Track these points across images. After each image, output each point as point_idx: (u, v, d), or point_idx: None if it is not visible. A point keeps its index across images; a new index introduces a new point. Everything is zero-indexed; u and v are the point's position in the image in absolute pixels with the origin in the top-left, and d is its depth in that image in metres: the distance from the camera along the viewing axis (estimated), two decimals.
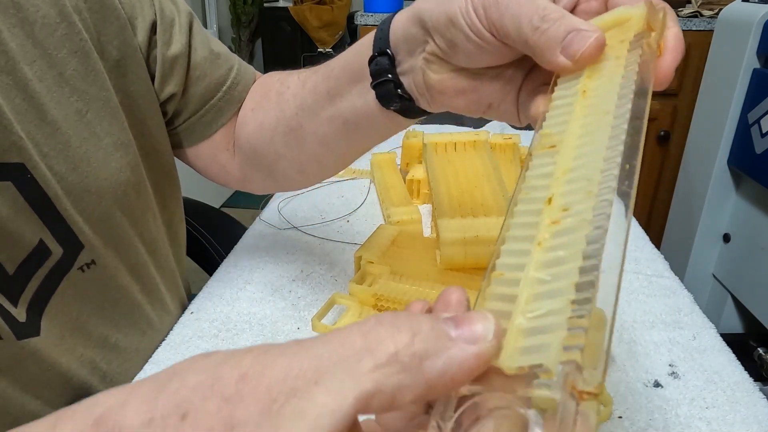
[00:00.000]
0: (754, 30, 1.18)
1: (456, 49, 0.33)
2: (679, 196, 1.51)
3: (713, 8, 1.61)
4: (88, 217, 0.43)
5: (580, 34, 0.27)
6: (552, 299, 0.18)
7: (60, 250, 0.41)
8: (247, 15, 3.82)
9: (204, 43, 0.51)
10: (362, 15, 1.70)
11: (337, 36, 3.76)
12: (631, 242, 0.66)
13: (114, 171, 0.44)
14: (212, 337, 0.50)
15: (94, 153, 0.42)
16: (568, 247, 0.20)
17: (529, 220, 0.22)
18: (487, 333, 0.17)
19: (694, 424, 0.40)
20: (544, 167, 0.24)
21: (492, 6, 0.30)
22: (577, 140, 0.25)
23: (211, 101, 0.51)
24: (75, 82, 0.41)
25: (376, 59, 0.38)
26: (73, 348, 0.45)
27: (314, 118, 0.45)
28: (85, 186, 0.42)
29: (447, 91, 0.35)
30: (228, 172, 0.55)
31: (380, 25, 0.38)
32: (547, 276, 0.19)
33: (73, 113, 0.41)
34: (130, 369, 0.48)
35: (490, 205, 0.58)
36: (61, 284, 0.42)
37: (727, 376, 0.45)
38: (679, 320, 0.52)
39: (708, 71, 1.37)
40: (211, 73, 0.51)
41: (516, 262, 0.21)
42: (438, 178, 0.66)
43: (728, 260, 1.36)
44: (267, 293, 0.56)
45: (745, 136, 1.22)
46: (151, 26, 0.46)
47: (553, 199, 0.22)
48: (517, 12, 0.29)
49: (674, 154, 1.73)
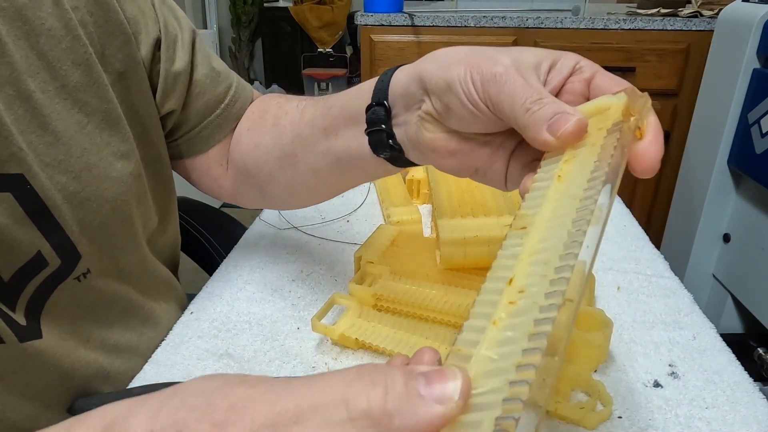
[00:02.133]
0: (754, 30, 1.18)
1: (450, 113, 0.34)
2: (679, 196, 1.51)
3: (713, 8, 1.61)
4: (87, 225, 0.43)
5: (565, 115, 0.29)
6: (495, 378, 0.20)
7: (57, 262, 0.42)
8: (247, 15, 3.82)
9: (205, 60, 0.52)
10: (362, 15, 1.70)
11: (337, 36, 3.76)
12: (631, 242, 0.66)
13: (114, 181, 0.45)
14: (212, 337, 0.50)
15: (95, 163, 0.43)
16: (517, 328, 0.21)
17: (491, 298, 0.23)
18: (455, 393, 0.19)
19: (693, 424, 0.40)
20: (513, 248, 0.26)
21: (490, 82, 0.31)
22: (546, 223, 0.26)
23: (210, 118, 0.52)
24: (77, 93, 0.41)
25: (373, 108, 0.39)
26: (75, 349, 0.45)
27: (309, 150, 0.46)
28: (85, 195, 0.42)
29: (438, 150, 0.36)
30: (220, 186, 0.56)
31: (382, 76, 0.40)
32: (495, 355, 0.21)
33: (74, 124, 0.41)
34: (131, 368, 0.48)
35: (490, 206, 0.58)
36: (54, 292, 0.43)
37: (727, 376, 0.45)
38: (679, 320, 0.52)
39: (708, 71, 1.38)
40: (211, 90, 0.52)
41: (473, 339, 0.22)
42: (438, 178, 0.66)
43: (728, 260, 1.36)
44: (267, 293, 0.56)
45: (745, 136, 1.22)
46: (155, 42, 0.47)
47: (513, 279, 0.24)
48: (513, 92, 0.31)
49: (674, 154, 1.73)
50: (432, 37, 1.68)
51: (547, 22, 1.64)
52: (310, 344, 0.49)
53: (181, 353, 0.48)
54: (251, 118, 0.54)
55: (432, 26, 1.68)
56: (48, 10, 0.39)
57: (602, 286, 0.57)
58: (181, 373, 0.46)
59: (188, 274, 0.64)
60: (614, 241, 0.67)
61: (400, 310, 0.50)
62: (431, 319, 0.49)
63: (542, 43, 1.65)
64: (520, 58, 0.33)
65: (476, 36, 1.67)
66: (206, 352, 0.48)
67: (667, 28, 1.61)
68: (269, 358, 0.47)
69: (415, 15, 1.68)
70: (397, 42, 1.70)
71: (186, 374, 0.45)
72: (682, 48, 1.62)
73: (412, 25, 1.67)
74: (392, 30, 1.70)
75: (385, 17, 1.68)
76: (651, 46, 1.62)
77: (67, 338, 0.44)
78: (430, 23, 1.67)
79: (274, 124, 0.50)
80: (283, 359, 0.47)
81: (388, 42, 1.70)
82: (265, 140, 0.50)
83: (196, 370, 0.46)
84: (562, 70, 0.33)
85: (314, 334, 0.50)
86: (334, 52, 3.78)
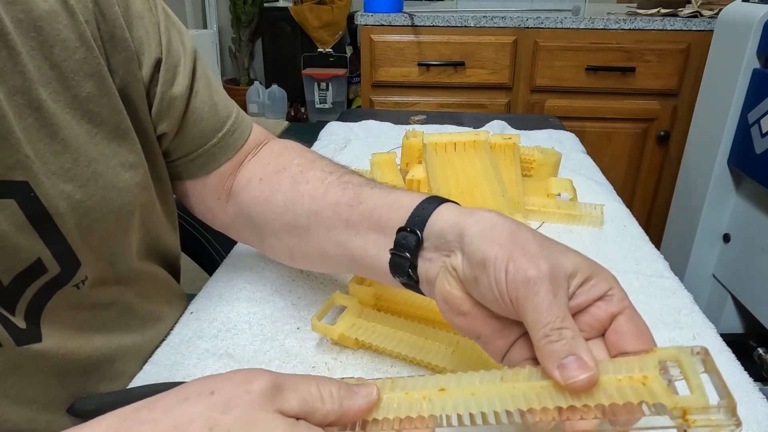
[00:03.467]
0: (754, 30, 1.18)
1: (476, 284, 0.33)
2: (679, 196, 1.51)
3: (713, 8, 1.61)
4: (89, 234, 0.43)
5: (579, 362, 0.29)
6: None
7: (57, 269, 0.42)
8: (247, 15, 3.82)
9: (206, 87, 0.52)
10: (362, 15, 1.70)
11: (337, 36, 3.76)
12: (631, 242, 0.66)
13: (120, 191, 0.45)
14: (212, 337, 0.50)
15: (102, 172, 0.43)
16: None
17: None
18: None
19: None
20: None
21: (521, 284, 0.31)
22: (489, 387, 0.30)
23: (205, 146, 0.52)
24: (88, 104, 0.42)
25: (406, 233, 0.38)
26: (75, 352, 0.45)
27: (324, 233, 0.46)
28: (91, 204, 0.43)
29: (450, 304, 0.36)
30: (215, 216, 0.56)
31: (425, 202, 0.39)
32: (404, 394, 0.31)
33: (83, 133, 0.42)
34: (132, 369, 0.48)
35: (490, 205, 0.58)
36: (53, 297, 0.43)
37: (726, 376, 0.44)
38: (679, 320, 0.52)
39: (708, 71, 1.38)
40: (208, 119, 0.52)
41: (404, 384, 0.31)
42: (438, 178, 0.66)
43: (728, 260, 1.36)
44: (267, 293, 0.56)
45: (745, 136, 1.22)
46: (156, 64, 0.47)
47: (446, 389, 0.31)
48: (538, 308, 0.30)
49: (674, 154, 1.73)
50: (432, 37, 1.69)
51: (547, 22, 1.64)
52: (310, 344, 0.49)
53: (181, 353, 0.48)
54: (266, 170, 0.52)
55: (432, 26, 1.68)
56: (64, 22, 0.39)
57: None
58: (181, 373, 0.46)
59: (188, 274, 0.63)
60: (614, 241, 0.67)
61: (400, 310, 0.50)
62: (431, 320, 0.49)
63: (542, 43, 1.65)
64: (558, 264, 0.31)
65: (476, 36, 1.67)
66: (206, 352, 0.48)
67: (667, 28, 1.61)
68: (269, 358, 0.47)
69: (415, 15, 1.68)
70: (397, 42, 1.70)
71: (186, 374, 0.45)
72: (682, 48, 1.62)
73: (412, 25, 1.68)
74: (392, 30, 1.70)
75: (385, 17, 1.68)
76: (651, 46, 1.62)
77: (68, 341, 0.44)
78: (430, 23, 1.67)
79: (291, 187, 0.49)
80: (283, 359, 0.47)
81: (388, 42, 1.70)
82: (278, 199, 0.50)
83: (196, 370, 0.46)
84: (592, 290, 0.32)
85: (314, 334, 0.50)
86: (334, 52, 3.78)
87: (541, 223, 0.71)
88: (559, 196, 0.74)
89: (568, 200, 0.74)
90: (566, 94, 1.71)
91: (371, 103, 1.79)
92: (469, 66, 1.70)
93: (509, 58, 1.68)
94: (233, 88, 3.92)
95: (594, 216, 0.70)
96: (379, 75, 1.74)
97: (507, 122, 1.13)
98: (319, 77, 3.72)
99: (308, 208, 0.47)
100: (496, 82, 1.72)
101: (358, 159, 0.96)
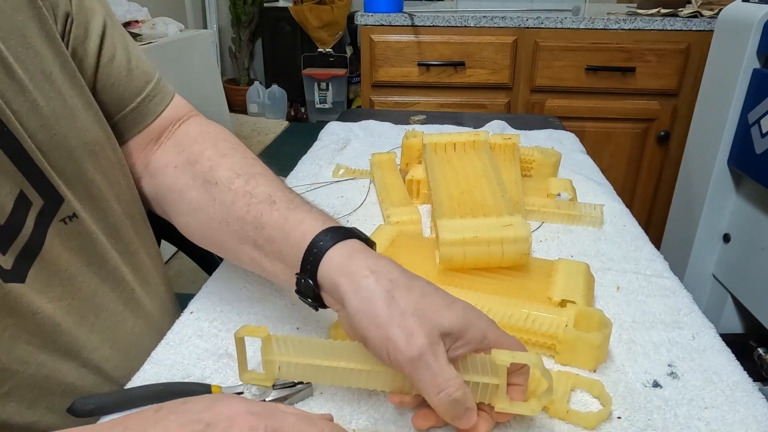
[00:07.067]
0: (754, 30, 1.18)
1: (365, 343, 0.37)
2: (679, 196, 1.51)
3: (713, 8, 1.61)
4: (61, 172, 0.45)
5: (470, 413, 0.36)
6: None
7: (41, 201, 0.43)
8: (247, 15, 3.81)
9: (124, 51, 0.52)
10: (362, 15, 1.70)
11: (337, 36, 3.75)
12: (631, 242, 0.66)
13: (81, 130, 0.46)
14: (212, 337, 0.50)
15: (61, 111, 0.44)
16: None
17: None
18: None
19: (693, 424, 0.40)
20: None
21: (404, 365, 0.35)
22: None
23: (123, 111, 0.52)
24: (36, 44, 0.43)
25: (303, 280, 0.41)
26: (60, 296, 0.46)
27: (236, 244, 0.47)
28: (54, 143, 0.44)
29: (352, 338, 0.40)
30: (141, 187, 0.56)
31: (315, 244, 0.41)
32: None
33: (38, 73, 0.43)
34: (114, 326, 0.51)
35: (490, 205, 0.58)
36: (48, 235, 0.44)
37: (726, 376, 0.45)
38: (679, 320, 0.52)
39: (708, 71, 1.37)
40: (126, 84, 0.52)
41: None
42: (437, 178, 0.66)
43: (728, 260, 1.35)
44: (266, 293, 0.56)
45: (745, 136, 1.22)
46: (65, 17, 0.47)
47: None
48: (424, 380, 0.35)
49: (674, 154, 1.73)
50: (432, 37, 1.69)
51: (547, 22, 1.64)
52: None
53: (181, 353, 0.48)
54: (180, 158, 0.53)
55: (432, 26, 1.68)
56: None
57: (602, 286, 0.57)
58: (180, 372, 0.46)
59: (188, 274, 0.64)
60: (614, 241, 0.67)
61: None
62: None
63: (542, 43, 1.65)
64: (433, 328, 0.35)
65: (476, 36, 1.67)
66: (206, 351, 0.48)
67: (667, 28, 1.61)
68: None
69: (415, 15, 1.68)
70: (397, 42, 1.70)
71: (185, 374, 0.45)
72: (682, 48, 1.62)
73: (412, 25, 1.68)
74: (392, 30, 1.70)
75: (385, 17, 1.68)
76: (651, 46, 1.62)
77: (56, 285, 0.45)
78: (430, 23, 1.67)
79: (203, 185, 0.50)
80: None
81: (388, 42, 1.70)
82: (192, 196, 0.50)
83: (195, 369, 0.46)
84: (470, 343, 0.36)
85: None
86: (334, 52, 3.78)
87: (541, 223, 0.71)
88: (559, 196, 0.74)
89: (568, 200, 0.74)
90: (566, 94, 1.71)
91: (371, 103, 1.79)
92: (469, 66, 1.70)
93: (509, 58, 1.68)
94: (233, 88, 3.92)
95: (594, 216, 0.70)
96: (379, 75, 1.74)
97: (507, 122, 1.13)
98: (319, 77, 3.72)
99: (219, 214, 0.48)
100: (496, 82, 1.72)
101: (358, 159, 0.96)
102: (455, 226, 0.54)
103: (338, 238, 0.41)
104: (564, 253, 0.64)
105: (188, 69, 2.27)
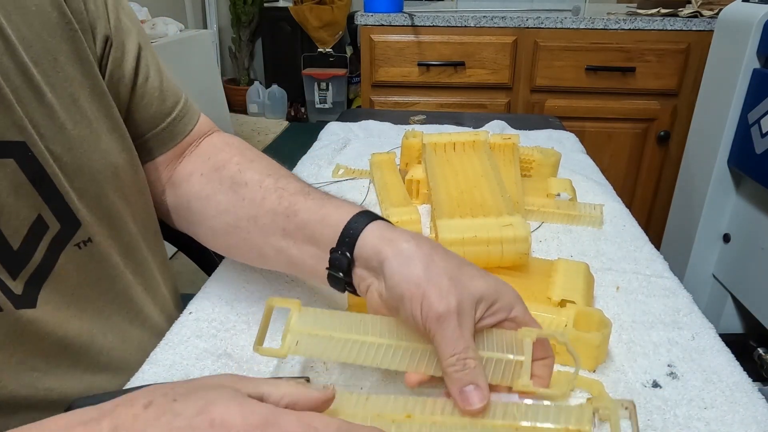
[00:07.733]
0: (754, 30, 1.18)
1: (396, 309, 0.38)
2: (679, 196, 1.51)
3: (713, 8, 1.61)
4: (83, 195, 0.45)
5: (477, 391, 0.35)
6: None
7: (57, 226, 0.43)
8: (247, 15, 3.81)
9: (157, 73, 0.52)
10: (362, 15, 1.70)
11: (337, 36, 3.75)
12: (631, 242, 0.66)
13: (104, 152, 0.46)
14: (211, 337, 0.50)
15: (87, 136, 0.45)
16: None
17: None
18: None
19: (692, 424, 0.40)
20: None
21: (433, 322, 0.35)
22: None
23: (154, 130, 0.53)
24: (67, 67, 0.43)
25: (337, 255, 0.42)
26: (68, 319, 0.46)
27: (263, 238, 0.48)
28: (78, 166, 0.44)
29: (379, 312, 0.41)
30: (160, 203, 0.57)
31: (354, 221, 0.42)
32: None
33: (66, 97, 0.43)
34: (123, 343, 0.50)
35: (490, 205, 0.58)
36: (59, 260, 0.44)
37: (726, 376, 0.45)
38: (678, 320, 0.52)
39: (708, 71, 1.37)
40: (159, 104, 0.52)
41: None
42: (437, 178, 0.66)
43: (728, 260, 1.35)
44: (266, 293, 0.56)
45: (745, 136, 1.21)
46: (105, 40, 0.47)
47: None
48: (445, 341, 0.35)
49: (674, 154, 1.73)
50: (432, 37, 1.68)
51: (547, 22, 1.64)
52: None
53: (180, 353, 0.48)
54: (206, 165, 0.53)
55: (432, 26, 1.68)
56: None
57: (601, 286, 0.57)
58: (179, 372, 0.46)
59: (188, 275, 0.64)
60: (614, 241, 0.67)
61: None
62: None
63: (542, 43, 1.65)
64: (466, 294, 0.36)
65: (476, 36, 1.67)
66: (205, 351, 0.48)
67: (667, 28, 1.61)
68: (267, 358, 0.47)
69: (415, 15, 1.68)
70: (397, 42, 1.70)
71: (185, 374, 0.45)
72: (682, 48, 1.62)
73: (412, 25, 1.68)
74: (392, 30, 1.70)
75: (385, 17, 1.68)
76: (651, 46, 1.62)
77: (64, 308, 0.45)
78: (430, 23, 1.67)
79: (231, 188, 0.51)
80: (281, 359, 0.47)
81: (388, 42, 1.70)
82: (219, 199, 0.51)
83: (194, 369, 0.46)
84: (498, 314, 0.38)
85: None
86: (334, 52, 3.78)
87: (541, 223, 0.71)
88: (559, 196, 0.74)
89: (568, 200, 0.74)
90: (566, 94, 1.71)
91: (371, 103, 1.79)
92: (469, 66, 1.70)
93: (509, 58, 1.68)
94: (233, 88, 3.92)
95: (593, 216, 0.70)
96: (379, 75, 1.74)
97: (507, 122, 1.13)
98: (319, 77, 3.72)
99: (247, 212, 0.49)
100: (496, 82, 1.72)
101: (357, 159, 0.96)
102: (455, 226, 0.54)
103: (374, 218, 0.43)
104: (564, 253, 0.64)
105: (188, 69, 2.27)
